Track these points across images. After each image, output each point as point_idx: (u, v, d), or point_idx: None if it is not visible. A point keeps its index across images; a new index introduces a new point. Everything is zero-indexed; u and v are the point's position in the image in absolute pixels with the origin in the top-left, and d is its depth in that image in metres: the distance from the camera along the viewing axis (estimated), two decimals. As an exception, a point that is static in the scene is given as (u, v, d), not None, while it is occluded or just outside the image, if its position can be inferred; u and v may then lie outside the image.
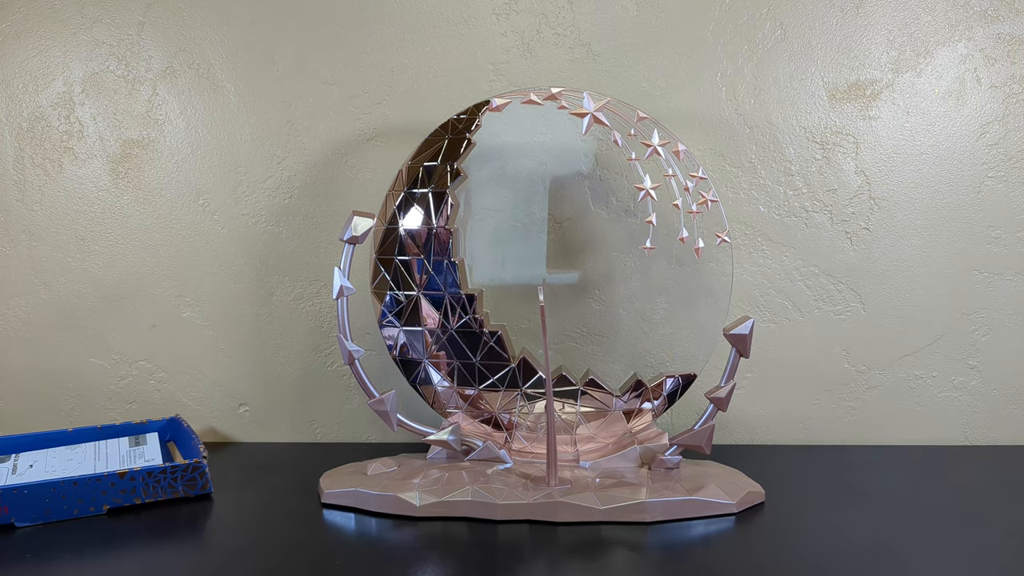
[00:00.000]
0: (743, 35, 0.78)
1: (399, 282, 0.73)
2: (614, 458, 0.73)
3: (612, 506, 0.65)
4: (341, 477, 0.72)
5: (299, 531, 0.65)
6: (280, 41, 0.80)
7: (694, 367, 0.75)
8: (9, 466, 0.73)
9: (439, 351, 0.74)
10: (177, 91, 0.82)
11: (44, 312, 0.86)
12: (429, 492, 0.67)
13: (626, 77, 0.79)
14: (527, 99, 0.68)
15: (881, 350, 0.83)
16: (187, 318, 0.86)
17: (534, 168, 0.80)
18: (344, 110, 0.81)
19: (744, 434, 0.86)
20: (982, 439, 0.85)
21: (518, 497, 0.66)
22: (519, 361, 0.73)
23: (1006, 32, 0.77)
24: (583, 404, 0.75)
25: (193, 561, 0.61)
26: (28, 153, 0.83)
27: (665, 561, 0.60)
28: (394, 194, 0.72)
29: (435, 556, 0.60)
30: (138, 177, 0.83)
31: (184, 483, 0.71)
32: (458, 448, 0.74)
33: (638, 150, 0.69)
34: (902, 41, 0.78)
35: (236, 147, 0.82)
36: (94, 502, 0.68)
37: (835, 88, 0.79)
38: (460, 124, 0.71)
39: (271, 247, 0.84)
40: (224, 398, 0.87)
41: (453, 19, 0.79)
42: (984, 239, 0.81)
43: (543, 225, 0.81)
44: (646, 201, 0.69)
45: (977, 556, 0.60)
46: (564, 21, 0.79)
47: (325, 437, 0.88)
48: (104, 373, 0.87)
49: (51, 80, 0.82)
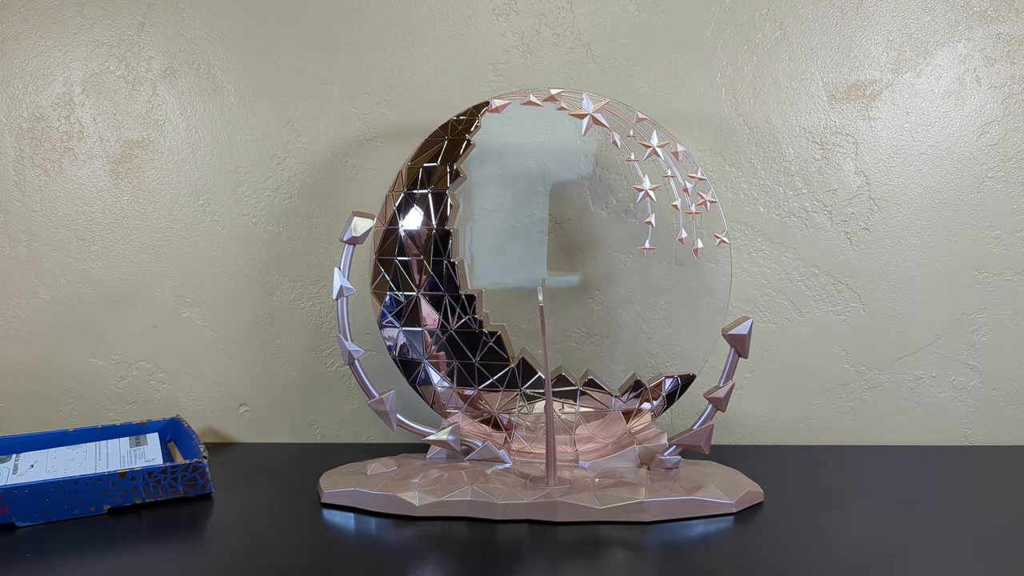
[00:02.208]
0: (743, 35, 0.78)
1: (399, 283, 0.73)
2: (613, 458, 0.73)
3: (611, 506, 0.65)
4: (341, 477, 0.72)
5: (299, 531, 0.65)
6: (280, 41, 0.80)
7: (693, 367, 0.75)
8: (10, 466, 0.73)
9: (439, 351, 0.74)
10: (177, 91, 0.82)
11: (44, 312, 0.86)
12: (429, 492, 0.67)
13: (626, 77, 0.79)
14: (526, 100, 0.68)
15: (881, 350, 0.83)
16: (187, 318, 0.86)
17: (534, 169, 0.80)
18: (344, 110, 0.81)
19: (743, 434, 0.86)
20: (982, 439, 0.85)
21: (517, 497, 0.67)
22: (518, 361, 0.73)
23: (1006, 32, 0.77)
24: (582, 404, 0.75)
25: (193, 561, 0.61)
26: (28, 153, 0.83)
27: (664, 561, 0.60)
28: (394, 195, 0.72)
29: (434, 556, 0.60)
30: (138, 177, 0.83)
31: (184, 483, 0.71)
32: (458, 448, 0.74)
33: (637, 151, 0.69)
34: (902, 41, 0.78)
35: (236, 147, 0.82)
36: (95, 502, 0.68)
37: (835, 88, 0.79)
38: (460, 125, 0.71)
39: (271, 247, 0.84)
40: (224, 398, 0.87)
41: (453, 19, 0.79)
42: (984, 239, 0.81)
43: (543, 225, 0.81)
44: (645, 202, 0.69)
45: (977, 556, 0.60)
46: (564, 21, 0.79)
47: (325, 437, 0.88)
48: (104, 373, 0.87)
49: (51, 80, 0.82)
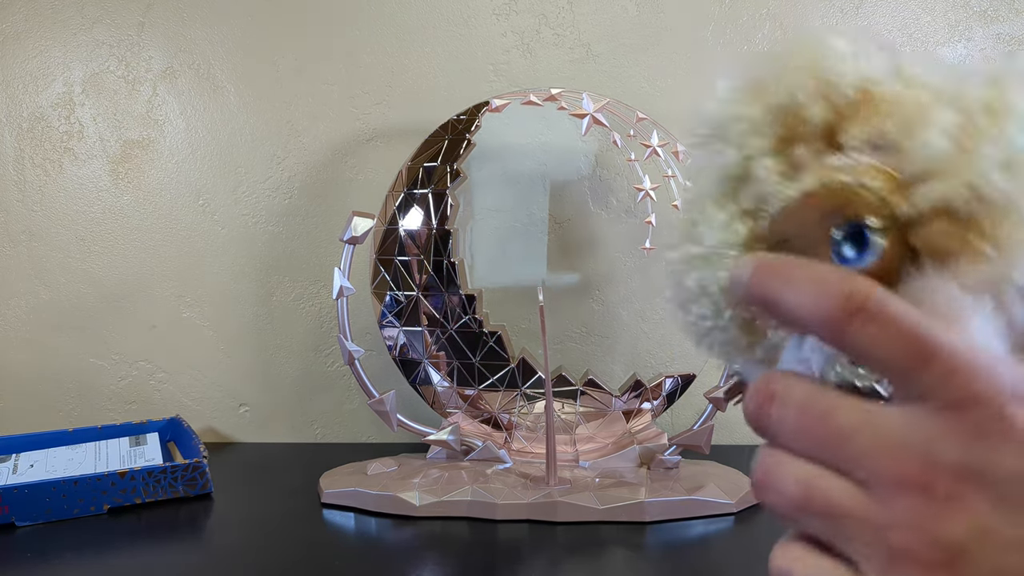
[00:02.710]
0: (743, 35, 0.78)
1: (399, 282, 0.73)
2: (613, 458, 0.73)
3: (611, 506, 0.65)
4: (341, 477, 0.72)
5: (299, 531, 0.65)
6: (280, 41, 0.80)
7: (693, 367, 0.75)
8: (10, 466, 0.73)
9: (439, 351, 0.74)
10: (177, 91, 0.82)
11: (44, 312, 0.86)
12: (429, 492, 0.67)
13: (626, 77, 0.79)
14: (527, 100, 0.68)
15: (880, 350, 0.83)
16: (187, 318, 0.86)
17: (534, 168, 0.80)
18: (344, 110, 0.81)
19: (743, 434, 0.86)
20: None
21: (518, 497, 0.67)
22: (519, 361, 0.73)
23: (1006, 32, 0.77)
24: (582, 404, 0.75)
25: (193, 561, 0.61)
26: (28, 153, 0.83)
27: (664, 561, 0.60)
28: (394, 195, 0.72)
29: (435, 556, 0.60)
30: (138, 177, 0.83)
31: (184, 483, 0.71)
32: (458, 448, 0.74)
33: (637, 151, 0.69)
34: (902, 41, 0.78)
35: (236, 147, 0.82)
36: (94, 502, 0.68)
37: (835, 88, 0.79)
38: (460, 125, 0.71)
39: (271, 247, 0.84)
40: (224, 398, 0.87)
41: (453, 19, 0.79)
42: (983, 239, 0.81)
43: (543, 225, 0.81)
44: (646, 202, 0.69)
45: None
46: (564, 21, 0.79)
47: (325, 437, 0.88)
48: (104, 373, 0.87)
49: (51, 80, 0.82)
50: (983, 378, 0.20)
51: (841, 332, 0.21)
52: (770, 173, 0.23)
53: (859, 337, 0.21)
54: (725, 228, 0.24)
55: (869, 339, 0.21)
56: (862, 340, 0.21)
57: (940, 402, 0.20)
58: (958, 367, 0.20)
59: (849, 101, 0.22)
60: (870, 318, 0.21)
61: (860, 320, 0.21)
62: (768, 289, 0.23)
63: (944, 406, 0.20)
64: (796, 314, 0.22)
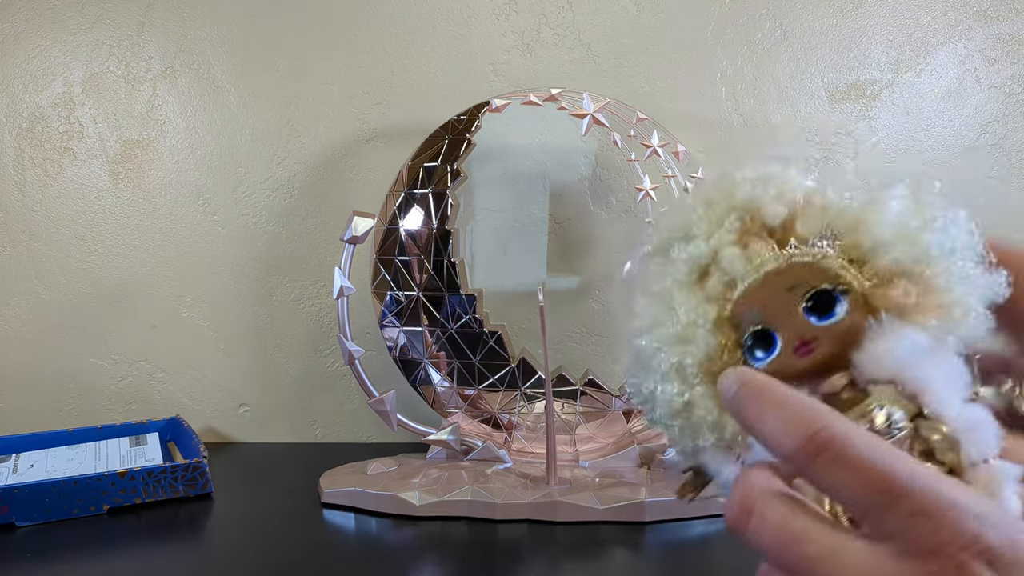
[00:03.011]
0: (743, 35, 0.78)
1: (399, 282, 0.73)
2: (613, 458, 0.73)
3: (611, 506, 0.65)
4: (341, 477, 0.72)
5: (299, 531, 0.65)
6: (280, 41, 0.80)
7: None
8: (9, 466, 0.73)
9: (439, 351, 0.74)
10: (177, 91, 0.82)
11: (44, 312, 0.86)
12: (429, 492, 0.67)
13: (626, 77, 0.79)
14: (527, 100, 0.68)
15: (881, 350, 0.83)
16: (187, 318, 0.86)
17: (534, 168, 0.80)
18: (344, 110, 0.81)
19: (744, 434, 0.86)
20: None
21: (517, 497, 0.67)
22: (519, 361, 0.73)
23: (1006, 32, 0.77)
24: (582, 404, 0.75)
25: (193, 561, 0.61)
26: (28, 153, 0.83)
27: (664, 561, 0.60)
28: (394, 194, 0.72)
29: (435, 556, 0.60)
30: (138, 177, 0.83)
31: (184, 483, 0.71)
32: (458, 448, 0.74)
33: (638, 151, 0.69)
34: (902, 41, 0.78)
35: (236, 147, 0.82)
36: (94, 502, 0.68)
37: (835, 88, 0.79)
38: (460, 125, 0.71)
39: (271, 247, 0.84)
40: (224, 398, 0.87)
41: (453, 19, 0.79)
42: (984, 239, 0.81)
43: (543, 225, 0.81)
44: (646, 202, 0.69)
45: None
46: (564, 21, 0.79)
47: (325, 437, 0.88)
48: (104, 373, 0.87)
49: (51, 80, 0.82)
50: (948, 524, 0.20)
51: (806, 469, 0.22)
52: (735, 260, 0.26)
53: (824, 475, 0.22)
54: (695, 310, 0.27)
55: (833, 478, 0.22)
56: (826, 478, 0.22)
57: (904, 546, 0.21)
58: (925, 508, 0.20)
59: (797, 206, 0.26)
60: (833, 458, 0.22)
61: (824, 459, 0.22)
62: (745, 414, 0.24)
63: (907, 551, 0.20)
64: (767, 443, 0.24)
